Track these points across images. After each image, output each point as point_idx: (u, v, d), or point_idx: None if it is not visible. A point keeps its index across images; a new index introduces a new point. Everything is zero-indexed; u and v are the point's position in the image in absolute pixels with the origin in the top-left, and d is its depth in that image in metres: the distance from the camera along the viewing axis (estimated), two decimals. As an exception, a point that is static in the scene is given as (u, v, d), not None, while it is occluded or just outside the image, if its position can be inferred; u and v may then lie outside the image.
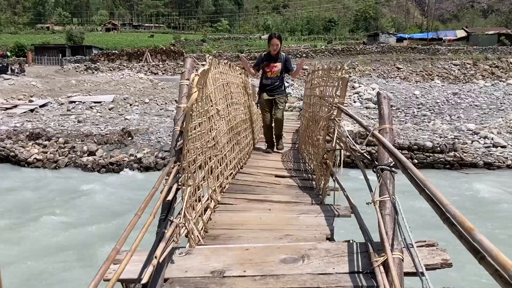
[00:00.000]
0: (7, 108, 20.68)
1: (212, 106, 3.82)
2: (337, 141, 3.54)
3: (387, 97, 2.62)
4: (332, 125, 3.90)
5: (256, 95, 7.52)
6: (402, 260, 1.98)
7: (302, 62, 6.75)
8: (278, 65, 6.60)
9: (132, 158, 13.00)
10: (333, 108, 3.87)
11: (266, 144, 6.97)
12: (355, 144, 2.89)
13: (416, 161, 12.86)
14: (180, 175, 2.58)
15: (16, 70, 33.29)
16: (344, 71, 3.78)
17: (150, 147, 13.87)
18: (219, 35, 77.58)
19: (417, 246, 1.96)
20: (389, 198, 2.10)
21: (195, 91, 2.42)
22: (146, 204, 1.95)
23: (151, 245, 2.25)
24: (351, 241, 2.49)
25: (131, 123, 17.47)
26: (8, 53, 50.89)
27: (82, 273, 6.14)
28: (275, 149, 6.88)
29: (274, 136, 6.96)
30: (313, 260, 2.29)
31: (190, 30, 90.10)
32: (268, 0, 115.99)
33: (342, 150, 3.46)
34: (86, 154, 13.26)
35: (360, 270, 2.16)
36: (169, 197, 2.39)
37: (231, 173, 4.92)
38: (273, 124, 6.81)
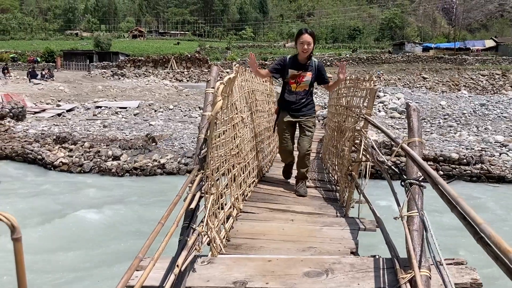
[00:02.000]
0: (35, 112, 21.20)
1: (237, 113, 3.82)
2: (364, 152, 3.48)
3: (416, 110, 2.56)
4: (358, 136, 3.85)
5: (275, 112, 5.34)
6: (430, 278, 1.92)
7: (343, 66, 4.64)
8: (308, 75, 4.71)
9: (155, 163, 13.13)
10: (360, 119, 3.82)
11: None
12: (383, 156, 2.83)
13: (441, 172, 12.58)
14: (203, 183, 2.58)
15: (45, 75, 34.14)
16: (372, 82, 3.73)
17: (173, 153, 13.98)
18: (243, 43, 78.11)
19: (445, 264, 1.90)
20: (417, 214, 2.04)
21: (220, 100, 2.42)
22: (170, 212, 1.94)
23: (174, 252, 2.24)
24: (376, 256, 2.43)
25: (155, 129, 17.67)
26: (38, 59, 52.31)
27: (103, 281, 6.20)
28: (296, 192, 4.85)
29: (294, 170, 5.27)
30: (337, 275, 2.24)
31: (215, 38, 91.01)
32: (293, 8, 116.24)
33: (368, 162, 3.39)
34: (110, 159, 13.44)
35: (386, 287, 2.10)
36: (192, 205, 2.39)
37: (254, 181, 4.90)
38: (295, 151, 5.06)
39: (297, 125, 4.93)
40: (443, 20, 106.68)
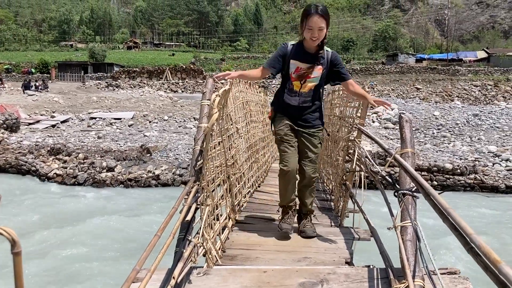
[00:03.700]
0: (30, 123, 21.15)
1: (232, 124, 3.85)
2: (357, 162, 3.51)
3: (409, 120, 2.60)
4: (352, 146, 3.89)
5: (268, 118, 4.13)
6: (424, 288, 1.94)
7: (382, 103, 3.49)
8: (317, 70, 3.36)
9: (150, 174, 13.11)
10: (353, 129, 3.85)
11: (281, 212, 3.62)
12: (376, 166, 2.86)
13: (435, 183, 12.66)
14: (199, 194, 2.59)
15: (39, 86, 34.08)
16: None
17: (168, 164, 13.97)
18: (238, 54, 78.49)
19: (438, 274, 1.92)
20: (410, 224, 2.06)
21: (216, 112, 2.45)
22: (166, 224, 1.96)
23: (170, 264, 2.25)
24: (371, 266, 2.45)
25: (150, 140, 17.67)
26: (33, 70, 52.27)
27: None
28: (302, 233, 3.48)
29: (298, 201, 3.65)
30: (332, 285, 2.26)
31: (210, 49, 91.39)
32: (287, 20, 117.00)
33: (362, 172, 3.42)
34: (105, 170, 13.41)
35: (380, 297, 2.12)
36: (188, 217, 2.40)
37: (249, 191, 4.91)
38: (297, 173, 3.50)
39: (300, 136, 3.48)
40: (435, 31, 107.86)
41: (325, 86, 3.62)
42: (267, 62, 3.47)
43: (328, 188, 5.55)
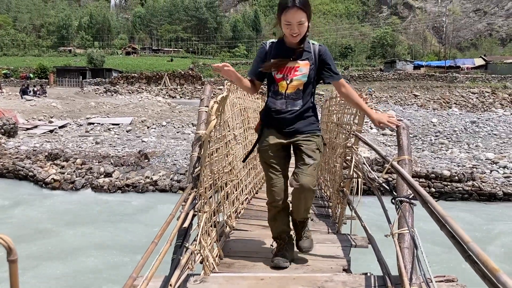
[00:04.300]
0: (27, 129, 21.11)
1: (229, 131, 3.85)
2: (355, 169, 3.52)
3: (406, 128, 2.61)
4: (350, 152, 3.89)
5: (255, 130, 3.41)
6: (421, 295, 1.93)
7: (393, 123, 2.81)
8: (304, 66, 2.90)
9: (148, 180, 13.09)
10: (351, 136, 3.86)
11: (275, 245, 3.10)
12: (373, 173, 2.86)
13: (433, 189, 12.66)
14: (196, 201, 2.59)
15: (37, 92, 34.05)
16: (362, 99, 3.77)
17: (166, 170, 13.95)
18: (236, 60, 78.67)
19: (436, 281, 1.92)
20: (408, 231, 2.06)
21: (214, 119, 2.45)
22: (163, 231, 1.95)
23: (167, 271, 2.24)
24: (368, 274, 2.44)
25: (148, 146, 17.65)
26: (31, 75, 52.25)
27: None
28: (297, 247, 3.13)
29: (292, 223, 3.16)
30: (329, 292, 2.25)
31: (208, 55, 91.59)
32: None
33: (360, 179, 3.42)
34: (102, 176, 13.38)
35: (378, 305, 2.11)
36: (185, 224, 2.39)
37: (247, 198, 4.91)
38: (289, 198, 3.04)
39: (292, 148, 3.04)
40: (433, 38, 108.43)
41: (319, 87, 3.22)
42: (249, 71, 3.09)
43: (325, 194, 5.55)
